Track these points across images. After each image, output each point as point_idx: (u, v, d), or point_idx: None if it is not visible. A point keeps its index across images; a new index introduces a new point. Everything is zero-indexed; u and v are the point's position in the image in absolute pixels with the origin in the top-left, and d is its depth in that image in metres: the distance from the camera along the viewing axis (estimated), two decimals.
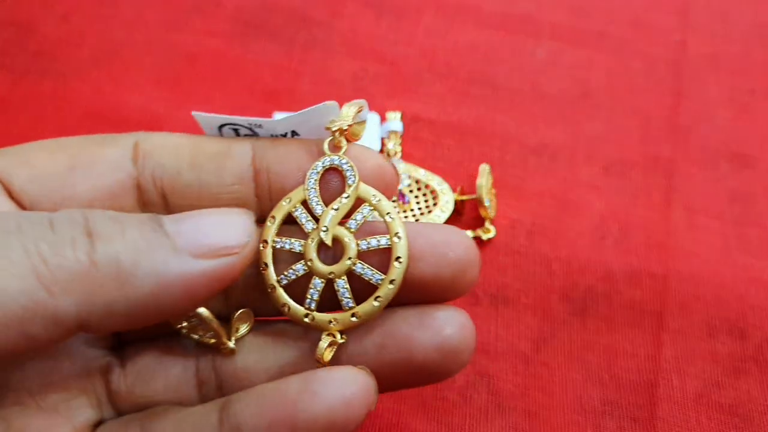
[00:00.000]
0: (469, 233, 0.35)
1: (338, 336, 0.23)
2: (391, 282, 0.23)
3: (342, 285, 0.24)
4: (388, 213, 0.24)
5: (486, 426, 0.31)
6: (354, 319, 0.23)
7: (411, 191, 0.36)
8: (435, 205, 0.36)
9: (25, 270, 0.19)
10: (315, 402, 0.21)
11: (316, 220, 0.24)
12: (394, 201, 0.36)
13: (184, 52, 0.42)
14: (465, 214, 0.37)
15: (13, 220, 0.20)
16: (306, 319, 0.24)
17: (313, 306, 0.24)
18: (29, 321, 0.19)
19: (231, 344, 0.25)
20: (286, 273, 0.24)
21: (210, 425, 0.22)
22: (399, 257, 0.23)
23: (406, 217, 0.35)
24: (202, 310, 0.24)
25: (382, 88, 0.41)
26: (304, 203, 0.25)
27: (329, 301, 0.24)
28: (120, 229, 0.20)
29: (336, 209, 0.24)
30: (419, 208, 0.36)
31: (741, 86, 0.42)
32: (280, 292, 0.24)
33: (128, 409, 0.25)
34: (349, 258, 0.24)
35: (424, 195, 0.36)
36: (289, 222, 0.25)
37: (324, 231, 0.24)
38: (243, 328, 0.25)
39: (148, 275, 0.20)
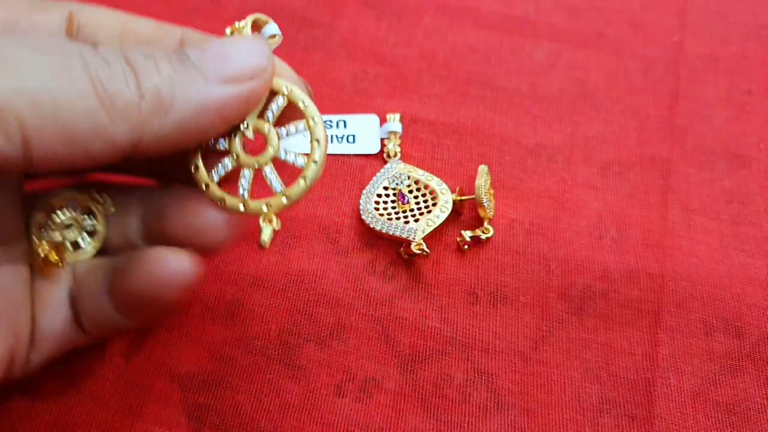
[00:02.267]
0: (468, 233, 0.35)
1: (275, 223, 0.25)
2: (314, 162, 0.25)
3: (269, 171, 0.25)
4: (301, 100, 0.25)
5: (485, 423, 0.31)
6: (285, 200, 0.25)
7: (410, 191, 0.37)
8: (434, 205, 0.36)
9: (89, 94, 0.21)
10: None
11: None
12: (393, 199, 0.36)
13: None
14: (464, 214, 0.37)
15: (75, 47, 0.22)
16: (241, 208, 0.25)
17: (246, 195, 0.25)
18: (92, 142, 0.21)
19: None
20: (215, 169, 0.26)
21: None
22: (318, 139, 0.25)
23: (405, 217, 0.36)
24: None
25: (381, 89, 0.42)
26: None
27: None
28: (154, 64, 0.22)
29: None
30: (418, 208, 0.36)
31: (738, 87, 0.42)
32: (215, 187, 0.25)
33: None
34: (272, 146, 0.25)
35: (423, 195, 0.37)
36: None
37: (245, 126, 0.25)
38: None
39: (186, 103, 0.22)
